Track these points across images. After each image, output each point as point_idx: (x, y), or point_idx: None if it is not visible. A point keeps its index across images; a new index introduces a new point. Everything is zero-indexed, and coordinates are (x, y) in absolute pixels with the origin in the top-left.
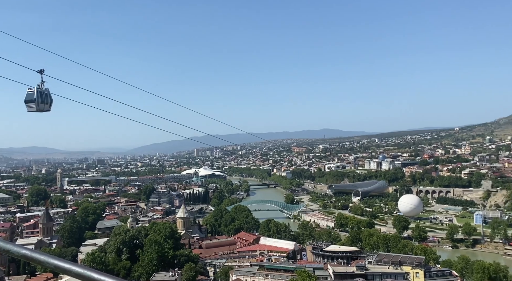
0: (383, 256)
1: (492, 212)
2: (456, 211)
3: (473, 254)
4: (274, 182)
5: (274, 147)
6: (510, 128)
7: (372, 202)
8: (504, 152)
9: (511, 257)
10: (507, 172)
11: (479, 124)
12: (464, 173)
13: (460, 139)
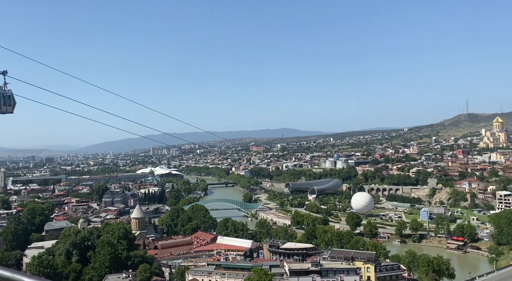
0: (337, 252)
1: (436, 208)
2: (405, 208)
3: (419, 248)
4: (233, 181)
5: (233, 145)
6: (454, 129)
7: (327, 199)
8: (448, 151)
9: (452, 250)
10: (450, 171)
11: (426, 126)
12: (412, 172)
13: (408, 139)
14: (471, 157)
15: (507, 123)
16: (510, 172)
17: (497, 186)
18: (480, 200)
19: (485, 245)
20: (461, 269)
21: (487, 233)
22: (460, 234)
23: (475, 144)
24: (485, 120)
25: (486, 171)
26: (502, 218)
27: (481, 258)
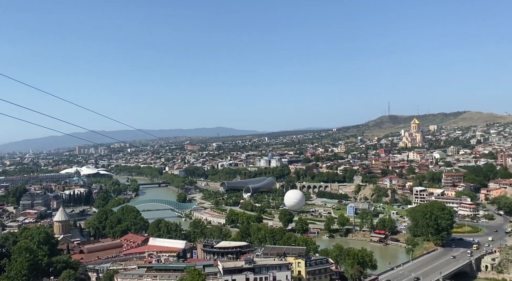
0: (270, 249)
1: (361, 204)
2: (333, 204)
3: (346, 242)
4: (166, 180)
5: (166, 144)
6: (377, 130)
7: (261, 197)
8: (372, 150)
9: (375, 243)
10: (374, 169)
11: (352, 126)
12: (340, 170)
13: (337, 139)
14: (392, 156)
15: (422, 125)
16: (425, 169)
17: (414, 182)
18: (399, 195)
19: (403, 237)
20: (383, 260)
21: (405, 226)
22: (382, 227)
23: (395, 144)
24: (404, 122)
25: (405, 169)
26: (417, 212)
27: (399, 249)
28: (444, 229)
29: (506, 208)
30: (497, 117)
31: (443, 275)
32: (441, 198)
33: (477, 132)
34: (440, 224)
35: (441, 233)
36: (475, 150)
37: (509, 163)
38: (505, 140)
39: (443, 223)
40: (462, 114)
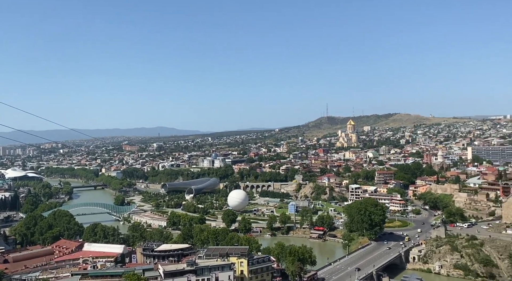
0: (213, 250)
1: (302, 202)
2: (275, 203)
3: (287, 240)
4: (103, 183)
5: (103, 144)
6: (316, 130)
7: (205, 198)
8: (312, 150)
9: (314, 239)
10: (313, 167)
11: (294, 127)
12: (282, 169)
13: (279, 139)
14: (330, 155)
15: (357, 126)
16: (360, 168)
17: (350, 180)
18: (336, 193)
19: (340, 232)
20: (321, 256)
21: (342, 222)
22: (320, 224)
23: (333, 143)
24: (341, 123)
25: (341, 167)
26: (353, 208)
27: (337, 244)
28: (377, 224)
29: (431, 203)
30: (423, 119)
31: (376, 268)
32: (374, 194)
33: (406, 133)
34: (373, 220)
35: (374, 228)
36: (404, 149)
37: (433, 161)
38: (430, 140)
39: (376, 219)
40: (392, 116)
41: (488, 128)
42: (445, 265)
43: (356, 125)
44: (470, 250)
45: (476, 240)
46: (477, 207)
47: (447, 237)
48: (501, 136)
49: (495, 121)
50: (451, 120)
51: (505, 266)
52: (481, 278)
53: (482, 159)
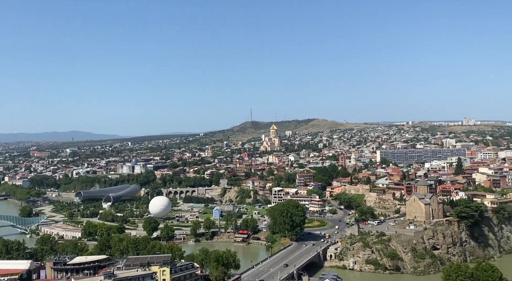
0: (133, 260)
1: (227, 206)
2: (200, 208)
3: (211, 245)
4: (6, 192)
5: (6, 150)
6: (241, 135)
7: (124, 206)
8: (236, 154)
9: (239, 243)
10: (238, 171)
11: (219, 131)
12: (207, 174)
13: (204, 143)
14: (254, 159)
15: (280, 130)
16: (282, 171)
17: (273, 183)
18: (260, 196)
19: (263, 235)
20: (245, 259)
21: (265, 224)
22: (245, 227)
23: (257, 148)
24: (265, 127)
25: (265, 171)
26: (276, 210)
27: (260, 247)
28: (298, 225)
29: (346, 203)
30: (339, 125)
31: (296, 267)
32: (295, 196)
33: (323, 138)
34: (294, 220)
35: (295, 228)
36: (322, 153)
37: (347, 164)
38: (344, 144)
39: (297, 219)
40: (311, 121)
41: (394, 133)
42: (358, 261)
43: (279, 130)
44: (379, 246)
45: (384, 236)
46: (385, 206)
47: (360, 235)
48: (405, 140)
49: (399, 127)
50: (362, 126)
51: (408, 258)
52: (388, 271)
53: (389, 161)
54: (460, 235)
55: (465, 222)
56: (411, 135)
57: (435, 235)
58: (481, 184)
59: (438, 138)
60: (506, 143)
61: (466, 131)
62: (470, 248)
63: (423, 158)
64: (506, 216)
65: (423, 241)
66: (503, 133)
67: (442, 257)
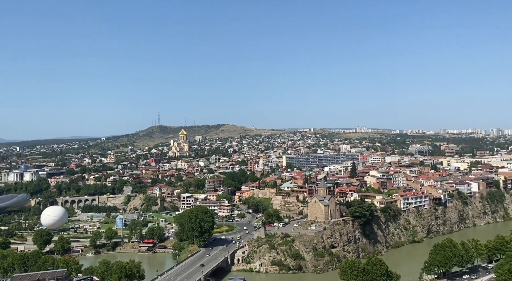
0: (19, 278)
1: (131, 214)
2: (101, 218)
3: (113, 256)
4: None
5: None
6: (148, 139)
7: (10, 218)
8: (143, 160)
9: (143, 252)
10: (144, 178)
11: (123, 135)
12: (109, 181)
13: (106, 148)
14: (162, 165)
15: (189, 135)
16: (192, 176)
17: (182, 189)
18: (168, 203)
19: (170, 243)
20: (151, 269)
21: (173, 232)
22: (151, 236)
23: (165, 153)
24: (174, 132)
25: (174, 177)
26: (184, 217)
27: (167, 255)
28: (207, 231)
29: (254, 206)
30: (248, 130)
31: (204, 274)
32: (205, 202)
33: (233, 143)
34: (203, 227)
35: (204, 234)
36: (232, 158)
37: (256, 168)
38: (253, 149)
39: (206, 225)
40: (222, 127)
41: (298, 139)
42: (264, 263)
43: (188, 135)
44: (284, 247)
45: (289, 237)
46: (290, 208)
47: (266, 237)
48: (307, 146)
49: (303, 133)
50: (270, 132)
51: (310, 257)
52: (292, 271)
53: (293, 165)
54: (354, 233)
55: (358, 221)
56: (313, 141)
57: (333, 234)
58: (371, 185)
59: (336, 144)
60: (392, 148)
61: (359, 138)
62: (362, 245)
63: (323, 162)
64: (391, 214)
65: (323, 240)
66: (389, 140)
67: (339, 254)
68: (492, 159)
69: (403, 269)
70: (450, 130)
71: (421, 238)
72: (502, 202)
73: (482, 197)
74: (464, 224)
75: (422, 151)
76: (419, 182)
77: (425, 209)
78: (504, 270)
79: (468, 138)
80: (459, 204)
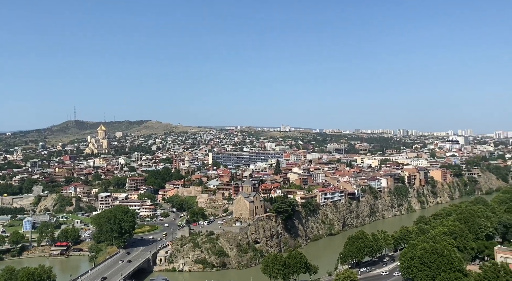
0: None
1: (42, 216)
2: (5, 220)
3: (20, 262)
4: None
5: None
6: (62, 135)
7: None
8: (56, 157)
9: (56, 256)
10: (57, 177)
11: (32, 131)
12: (15, 180)
13: (12, 145)
14: (78, 162)
15: (109, 131)
16: (111, 175)
17: (100, 188)
18: (84, 203)
19: (87, 245)
20: (64, 274)
21: (89, 233)
22: (64, 238)
23: (81, 150)
24: (91, 128)
25: (91, 175)
26: (102, 218)
27: (83, 258)
28: (127, 231)
29: (178, 205)
30: (173, 127)
31: (124, 276)
32: (125, 201)
33: (157, 140)
34: (123, 227)
35: (124, 235)
36: (155, 156)
37: (181, 166)
38: (178, 147)
39: (126, 226)
40: (145, 123)
41: (225, 137)
42: (187, 262)
43: (108, 131)
44: (208, 245)
45: (213, 235)
46: (215, 205)
47: (191, 236)
48: (234, 144)
49: (229, 131)
50: (196, 129)
51: (234, 254)
52: (216, 268)
53: (220, 163)
54: (277, 228)
55: (281, 216)
56: (239, 139)
57: (257, 230)
58: (294, 182)
59: (261, 142)
60: (312, 147)
61: (283, 137)
62: (284, 239)
63: (249, 160)
64: (311, 209)
65: (247, 236)
66: (310, 138)
67: (262, 249)
68: (399, 156)
69: (321, 260)
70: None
71: (337, 231)
72: (406, 196)
73: (390, 191)
74: (374, 217)
75: (339, 149)
76: (336, 178)
77: (341, 204)
78: (407, 257)
79: (379, 138)
80: (370, 198)
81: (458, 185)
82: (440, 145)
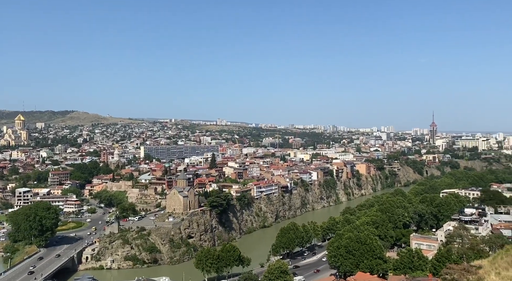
0: None
1: None
2: None
3: None
4: None
5: None
6: None
7: None
8: None
9: None
10: None
11: None
12: None
13: None
14: None
15: (29, 122)
16: (31, 169)
17: (17, 184)
18: None
19: (1, 245)
20: None
21: (4, 232)
22: None
23: None
24: (8, 117)
25: (7, 169)
26: (20, 215)
27: None
28: (49, 229)
29: (106, 201)
30: (101, 118)
31: (44, 277)
32: (47, 197)
33: (84, 132)
34: (45, 225)
35: (45, 233)
36: (82, 148)
37: (110, 160)
38: (107, 139)
39: (48, 223)
40: (70, 114)
41: (158, 130)
42: (116, 259)
43: (28, 121)
44: (139, 241)
45: (144, 230)
46: (147, 201)
47: (120, 232)
48: (168, 137)
49: (163, 124)
50: (127, 121)
51: (166, 250)
52: (147, 264)
53: (152, 157)
54: (211, 222)
55: (216, 210)
56: (174, 132)
57: (191, 224)
58: (229, 176)
59: (197, 136)
60: (248, 141)
61: (220, 130)
62: (218, 233)
63: (183, 153)
64: (246, 202)
65: (180, 232)
66: (246, 133)
67: (195, 244)
68: (328, 151)
69: (254, 253)
70: (297, 126)
71: (270, 223)
72: (334, 188)
73: (320, 184)
74: (305, 209)
75: (274, 144)
76: (270, 172)
77: (274, 196)
78: (334, 246)
79: (311, 133)
80: (302, 191)
81: (380, 177)
82: (365, 140)
